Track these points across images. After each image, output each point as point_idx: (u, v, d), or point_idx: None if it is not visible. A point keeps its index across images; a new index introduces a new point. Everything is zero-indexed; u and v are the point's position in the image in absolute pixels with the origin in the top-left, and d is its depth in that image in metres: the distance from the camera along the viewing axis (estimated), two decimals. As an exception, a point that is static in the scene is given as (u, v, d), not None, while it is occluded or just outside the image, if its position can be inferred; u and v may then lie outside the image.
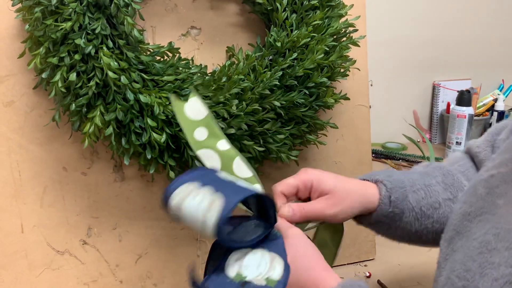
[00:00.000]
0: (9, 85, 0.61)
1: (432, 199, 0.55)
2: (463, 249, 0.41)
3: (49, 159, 0.64)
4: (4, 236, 0.63)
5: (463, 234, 0.43)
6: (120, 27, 0.58)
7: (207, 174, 0.46)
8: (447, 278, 0.41)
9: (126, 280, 0.69)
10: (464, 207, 0.45)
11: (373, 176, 0.56)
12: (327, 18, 0.67)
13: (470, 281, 0.37)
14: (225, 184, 0.44)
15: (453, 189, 0.56)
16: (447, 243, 0.45)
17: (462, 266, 0.39)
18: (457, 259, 0.41)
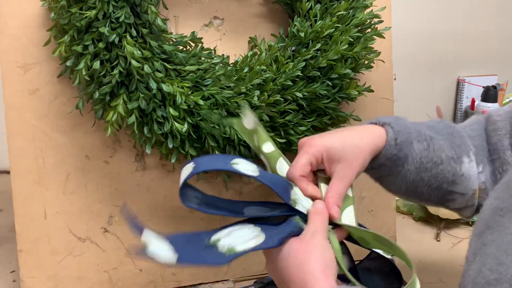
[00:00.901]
0: (35, 73, 0.62)
1: (434, 154, 0.54)
2: (495, 243, 0.41)
3: (72, 146, 0.64)
4: (29, 221, 0.64)
5: (495, 229, 0.42)
6: (144, 16, 0.58)
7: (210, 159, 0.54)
8: (478, 271, 0.40)
9: (146, 269, 0.69)
10: (496, 202, 0.44)
11: (381, 119, 0.55)
12: (352, 9, 0.66)
13: (503, 274, 0.37)
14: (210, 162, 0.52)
15: (458, 149, 0.55)
16: (477, 237, 0.44)
17: (494, 260, 0.39)
18: (488, 253, 0.40)
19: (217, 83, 0.62)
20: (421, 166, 0.54)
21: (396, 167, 0.54)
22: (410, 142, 0.53)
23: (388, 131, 0.53)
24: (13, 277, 0.71)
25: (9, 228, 0.84)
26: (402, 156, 0.53)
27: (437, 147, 0.55)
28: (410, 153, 0.53)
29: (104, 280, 0.67)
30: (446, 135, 0.56)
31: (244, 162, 0.50)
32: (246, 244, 0.45)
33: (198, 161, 0.50)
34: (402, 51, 1.34)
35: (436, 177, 0.55)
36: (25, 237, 0.64)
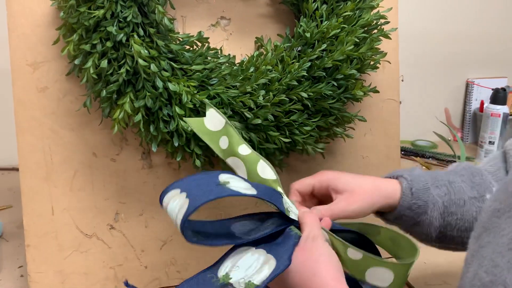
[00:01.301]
0: (44, 71, 0.63)
1: (456, 196, 0.55)
2: (491, 245, 0.40)
3: (80, 144, 0.65)
4: (37, 217, 0.65)
5: (491, 230, 0.42)
6: (151, 16, 0.58)
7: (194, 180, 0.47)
8: (474, 273, 0.40)
9: (151, 266, 0.70)
10: (494, 204, 0.44)
11: (394, 173, 0.57)
12: (358, 10, 0.66)
13: (497, 276, 0.37)
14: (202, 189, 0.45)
15: (480, 188, 0.55)
16: (475, 239, 0.44)
17: (490, 262, 0.39)
18: (485, 255, 0.40)
19: (222, 83, 0.62)
20: (445, 211, 0.54)
21: (418, 215, 0.55)
22: (427, 188, 0.54)
23: (402, 182, 0.55)
24: (20, 272, 0.72)
25: (17, 224, 0.86)
26: (421, 204, 0.54)
27: (457, 190, 0.55)
28: (430, 200, 0.54)
29: (110, 276, 0.68)
30: (466, 175, 0.57)
31: (232, 178, 0.48)
32: (261, 274, 0.44)
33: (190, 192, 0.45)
34: (410, 53, 1.34)
35: (463, 219, 0.55)
36: (33, 233, 0.65)
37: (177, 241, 0.70)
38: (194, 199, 0.43)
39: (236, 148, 0.54)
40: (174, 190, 0.47)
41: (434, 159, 1.27)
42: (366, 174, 0.77)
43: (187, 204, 0.43)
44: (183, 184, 0.47)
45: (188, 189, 0.45)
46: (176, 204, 0.45)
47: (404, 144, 1.36)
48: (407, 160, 1.27)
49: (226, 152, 0.55)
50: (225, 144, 0.55)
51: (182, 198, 0.45)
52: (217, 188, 0.45)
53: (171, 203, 0.45)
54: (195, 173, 0.49)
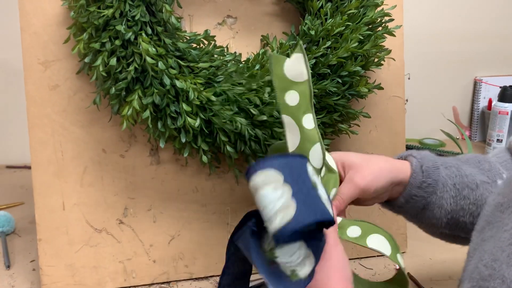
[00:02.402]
0: (55, 70, 0.65)
1: (467, 179, 0.53)
2: (493, 240, 0.41)
3: (90, 140, 0.67)
4: (48, 212, 0.67)
5: (494, 225, 0.42)
6: (159, 15, 0.60)
7: (295, 167, 0.43)
8: (475, 267, 0.41)
9: (159, 260, 0.71)
10: (498, 198, 0.44)
11: (402, 154, 0.56)
12: (363, 7, 0.67)
13: (496, 270, 0.37)
14: (305, 192, 0.42)
15: (490, 174, 0.54)
16: (478, 233, 0.44)
17: (490, 256, 0.39)
18: (486, 249, 0.41)
19: (229, 80, 0.63)
20: (457, 194, 0.53)
21: (429, 195, 0.53)
22: (437, 167, 0.53)
23: (412, 160, 0.54)
24: (32, 266, 0.74)
25: (29, 220, 0.88)
26: (431, 183, 0.53)
27: (468, 173, 0.54)
28: (440, 179, 0.53)
29: (119, 270, 0.70)
30: (473, 162, 0.56)
31: (317, 180, 0.44)
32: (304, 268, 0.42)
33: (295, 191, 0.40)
34: (417, 51, 1.34)
35: (476, 204, 0.54)
36: (45, 227, 0.67)
37: (185, 236, 0.72)
38: (301, 212, 0.40)
39: (301, 115, 0.48)
40: (274, 172, 0.41)
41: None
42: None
43: (293, 210, 0.40)
44: (284, 169, 0.41)
45: (292, 183, 0.41)
46: (278, 198, 0.40)
47: (411, 142, 1.36)
48: (414, 158, 1.27)
49: (288, 109, 0.48)
50: (293, 101, 0.48)
51: (287, 194, 0.40)
52: (317, 200, 0.42)
53: (271, 191, 0.40)
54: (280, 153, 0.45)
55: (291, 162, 0.42)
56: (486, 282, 0.38)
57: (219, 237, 0.73)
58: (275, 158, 0.42)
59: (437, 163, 0.54)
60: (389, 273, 0.75)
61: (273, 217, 0.40)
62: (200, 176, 0.71)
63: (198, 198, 0.71)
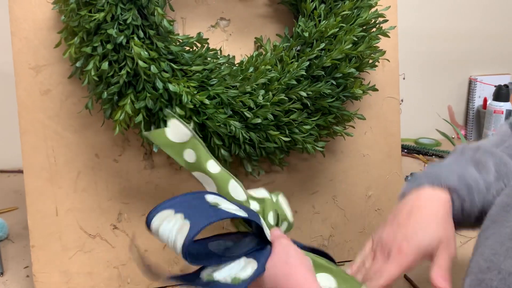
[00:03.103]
0: (46, 74, 0.64)
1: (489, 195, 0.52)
2: (494, 236, 0.42)
3: (83, 145, 0.66)
4: (41, 218, 0.66)
5: (497, 223, 0.43)
6: (151, 18, 0.59)
7: (187, 200, 0.47)
8: (475, 262, 0.42)
9: (154, 265, 0.70)
10: (505, 199, 0.45)
11: (444, 181, 0.51)
12: (356, 8, 0.66)
13: (494, 263, 0.38)
14: (199, 210, 0.46)
15: (506, 178, 0.53)
16: (482, 232, 0.45)
17: (491, 250, 0.40)
18: (487, 244, 0.42)
19: (222, 83, 0.63)
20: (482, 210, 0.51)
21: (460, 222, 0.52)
22: (474, 202, 0.51)
23: (455, 200, 0.51)
24: (26, 273, 0.73)
25: (23, 225, 0.87)
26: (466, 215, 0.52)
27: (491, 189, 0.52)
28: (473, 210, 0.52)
29: (114, 276, 0.69)
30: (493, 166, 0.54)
31: (219, 199, 0.48)
32: (246, 271, 0.45)
33: (187, 213, 0.45)
34: (412, 50, 1.34)
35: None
36: (38, 233, 0.66)
37: (179, 241, 0.71)
38: (195, 222, 0.43)
39: (204, 164, 0.52)
40: (166, 211, 0.46)
41: (437, 157, 1.27)
42: (367, 172, 0.78)
43: (187, 226, 0.43)
44: (175, 205, 0.46)
45: (184, 211, 0.45)
46: (172, 226, 0.44)
47: (407, 142, 1.36)
48: (410, 158, 1.27)
49: (192, 166, 0.53)
50: (191, 158, 0.53)
51: (179, 219, 0.44)
52: (213, 210, 0.46)
53: (165, 224, 0.44)
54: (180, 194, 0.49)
55: (184, 198, 0.47)
56: (483, 275, 0.39)
57: (215, 241, 0.72)
58: (166, 201, 0.47)
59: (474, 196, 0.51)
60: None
61: (175, 242, 0.43)
62: (194, 180, 0.70)
63: (193, 202, 0.71)
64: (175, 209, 0.45)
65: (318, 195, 0.76)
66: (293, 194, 0.75)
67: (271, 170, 0.73)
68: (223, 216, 0.45)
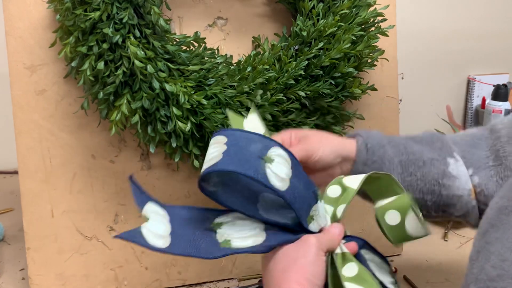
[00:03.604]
0: (42, 74, 0.63)
1: (414, 156, 0.55)
2: (499, 241, 0.40)
3: (79, 146, 0.65)
4: (36, 220, 0.65)
5: (499, 227, 0.42)
6: (147, 17, 0.58)
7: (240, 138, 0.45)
8: (481, 269, 0.40)
9: (151, 267, 0.70)
10: (501, 201, 0.44)
11: (352, 133, 0.58)
12: (355, 7, 0.66)
13: (506, 270, 0.37)
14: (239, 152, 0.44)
15: (439, 152, 0.55)
16: (481, 236, 0.44)
17: (498, 257, 0.39)
18: (492, 250, 0.40)
19: (220, 83, 0.62)
20: (403, 171, 0.54)
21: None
22: (382, 145, 0.55)
23: (358, 139, 0.56)
24: (22, 275, 0.72)
25: (19, 227, 0.86)
26: (376, 159, 0.54)
27: (415, 150, 0.55)
28: (385, 157, 0.54)
29: (110, 278, 0.68)
30: (425, 141, 0.57)
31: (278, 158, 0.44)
32: (242, 242, 0.44)
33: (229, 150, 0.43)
34: (410, 50, 1.33)
35: (424, 180, 0.54)
36: (33, 236, 0.65)
37: (177, 242, 0.70)
38: (222, 162, 0.42)
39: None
40: (221, 137, 0.45)
41: (436, 156, 1.27)
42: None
43: (216, 161, 0.42)
44: (231, 136, 0.45)
45: (230, 144, 0.44)
46: (212, 152, 0.44)
47: (405, 142, 1.35)
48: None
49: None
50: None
51: (220, 150, 0.43)
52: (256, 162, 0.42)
53: (211, 148, 0.45)
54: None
55: (242, 135, 0.46)
56: (494, 283, 0.38)
57: (213, 243, 0.72)
58: (234, 129, 0.48)
59: (383, 142, 0.55)
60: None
61: (204, 166, 0.44)
62: (192, 181, 0.69)
63: (190, 203, 0.70)
64: (228, 139, 0.44)
65: (317, 196, 0.76)
66: (292, 195, 0.74)
67: (269, 171, 0.72)
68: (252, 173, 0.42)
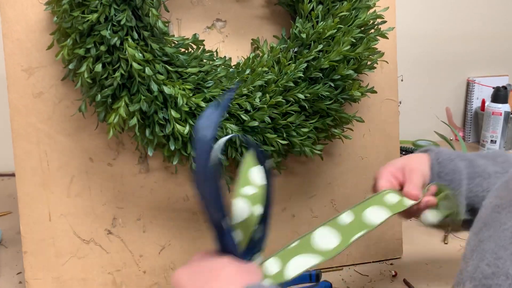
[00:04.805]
0: (39, 77, 0.63)
1: (480, 168, 0.59)
2: (493, 239, 0.41)
3: (76, 149, 0.65)
4: (33, 224, 0.65)
5: (491, 225, 0.43)
6: (145, 19, 0.58)
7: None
8: (475, 267, 0.41)
9: (150, 271, 0.69)
10: (495, 201, 0.45)
11: (423, 149, 0.64)
12: (355, 9, 0.65)
13: (500, 268, 0.38)
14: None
15: (503, 165, 0.59)
16: (475, 235, 0.45)
17: (492, 255, 0.40)
18: (486, 248, 0.41)
19: (218, 85, 0.62)
20: (470, 182, 0.58)
21: (449, 183, 0.59)
22: (452, 160, 0.60)
23: (430, 154, 0.62)
24: (19, 279, 0.72)
25: (16, 230, 0.85)
26: (448, 172, 0.59)
27: (481, 164, 0.60)
28: (456, 169, 0.59)
29: (108, 282, 0.68)
30: (490, 156, 0.62)
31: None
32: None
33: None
34: (410, 52, 1.33)
35: (489, 191, 0.56)
36: (30, 239, 0.65)
37: (175, 246, 0.70)
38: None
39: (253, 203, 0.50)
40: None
41: (435, 159, 1.26)
42: (365, 175, 0.77)
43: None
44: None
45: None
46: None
47: (405, 144, 1.35)
48: (408, 161, 1.26)
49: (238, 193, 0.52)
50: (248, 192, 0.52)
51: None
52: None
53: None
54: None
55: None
56: (489, 280, 0.39)
57: (211, 246, 0.71)
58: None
59: (452, 156, 0.60)
60: (385, 279, 0.73)
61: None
62: (190, 184, 0.69)
63: (188, 206, 0.69)
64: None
65: (316, 199, 0.75)
66: (291, 198, 0.74)
67: (268, 174, 0.72)
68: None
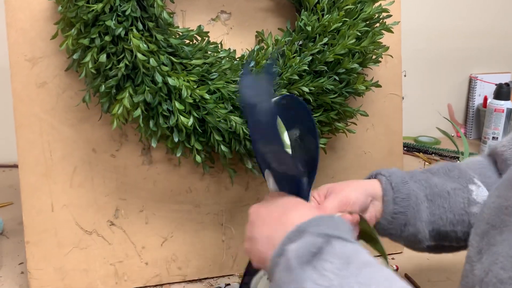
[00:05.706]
0: (43, 67, 0.62)
1: (437, 189, 0.55)
2: (507, 243, 0.40)
3: (80, 140, 0.65)
4: (36, 214, 0.64)
5: (502, 228, 0.41)
6: (150, 10, 0.58)
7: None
8: (487, 271, 0.40)
9: (152, 262, 0.69)
10: (499, 201, 0.43)
11: (372, 173, 0.58)
12: (360, 3, 0.65)
13: None
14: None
15: (460, 180, 0.56)
16: (480, 237, 0.43)
17: (508, 258, 0.38)
18: (499, 251, 0.40)
19: (223, 77, 0.62)
20: (431, 204, 0.55)
21: (406, 209, 0.54)
22: (406, 182, 0.55)
23: (381, 178, 0.56)
24: (21, 269, 0.72)
25: (18, 221, 0.85)
26: (404, 197, 0.55)
27: (436, 182, 0.56)
28: (411, 193, 0.55)
29: (110, 273, 0.68)
30: (443, 172, 0.58)
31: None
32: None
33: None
34: (413, 48, 1.33)
35: (453, 211, 0.55)
36: (33, 229, 0.65)
37: (178, 238, 0.70)
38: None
39: None
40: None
41: (437, 155, 1.26)
42: (368, 169, 0.76)
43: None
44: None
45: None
46: None
47: (407, 140, 1.35)
48: (410, 156, 1.26)
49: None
50: None
51: None
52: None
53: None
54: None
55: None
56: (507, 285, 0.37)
57: (213, 239, 0.71)
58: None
59: (405, 178, 0.56)
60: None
61: None
62: (193, 176, 0.69)
63: (191, 198, 0.69)
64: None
65: (319, 193, 0.75)
66: (293, 192, 0.74)
67: (271, 167, 0.72)
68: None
